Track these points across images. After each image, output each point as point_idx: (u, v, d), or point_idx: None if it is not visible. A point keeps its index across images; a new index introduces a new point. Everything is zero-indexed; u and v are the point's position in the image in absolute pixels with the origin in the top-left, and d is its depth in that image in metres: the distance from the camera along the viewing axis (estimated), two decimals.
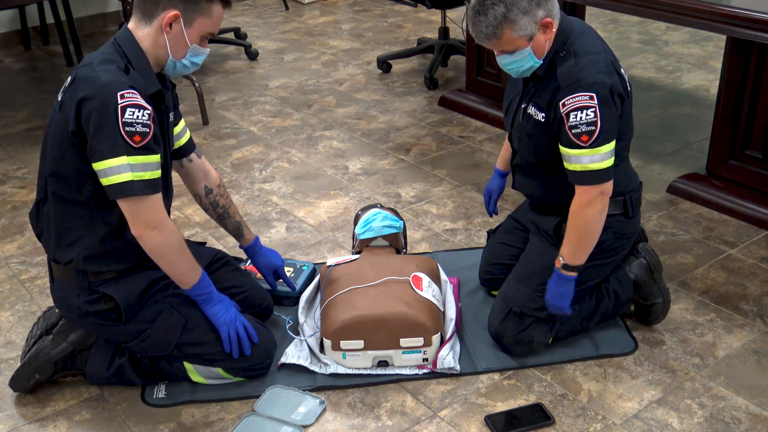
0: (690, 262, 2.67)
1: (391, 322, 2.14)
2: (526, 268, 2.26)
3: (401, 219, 2.64)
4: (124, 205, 1.91)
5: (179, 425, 2.06)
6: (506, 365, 2.21)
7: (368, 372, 2.19)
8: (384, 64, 4.51)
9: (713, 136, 3.04)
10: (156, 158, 1.91)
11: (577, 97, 1.99)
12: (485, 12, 1.96)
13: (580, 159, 2.01)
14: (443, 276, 2.46)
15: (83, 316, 2.05)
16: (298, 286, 2.50)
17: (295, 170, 3.41)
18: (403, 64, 4.62)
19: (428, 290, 2.25)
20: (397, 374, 2.18)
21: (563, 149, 2.05)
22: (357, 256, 2.44)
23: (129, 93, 1.85)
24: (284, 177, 3.35)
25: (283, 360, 2.21)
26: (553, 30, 2.03)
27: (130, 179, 1.86)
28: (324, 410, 2.08)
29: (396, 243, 2.56)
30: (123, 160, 1.85)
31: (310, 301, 2.43)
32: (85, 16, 5.32)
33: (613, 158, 2.03)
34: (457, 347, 2.26)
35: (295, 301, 2.46)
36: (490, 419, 2.03)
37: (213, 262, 2.30)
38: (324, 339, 2.19)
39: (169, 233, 1.96)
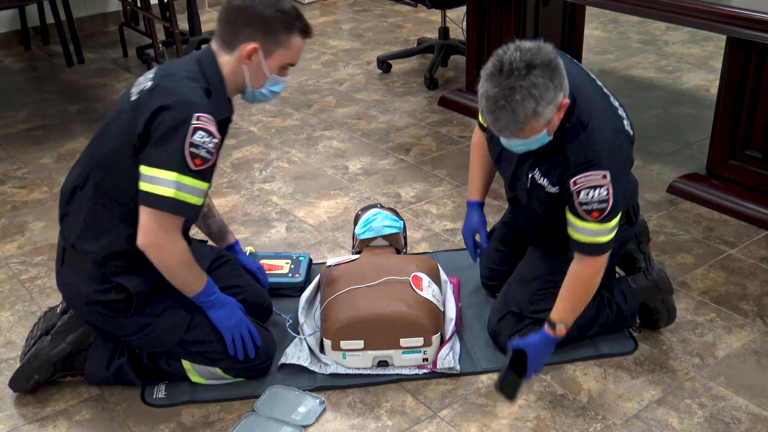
0: (690, 262, 2.67)
1: (391, 322, 2.14)
2: (527, 272, 2.25)
3: (401, 219, 2.64)
4: (146, 215, 1.90)
5: (179, 425, 2.06)
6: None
7: (368, 372, 2.19)
8: (384, 64, 4.51)
9: (713, 136, 3.04)
10: (205, 186, 1.92)
11: (589, 176, 1.92)
12: (513, 109, 1.79)
13: (585, 230, 1.96)
14: (443, 276, 2.46)
15: (90, 304, 2.04)
16: (301, 276, 2.53)
17: (295, 170, 3.41)
18: (403, 64, 4.62)
19: (428, 290, 2.25)
20: (397, 374, 2.18)
21: (569, 216, 2.00)
22: (357, 256, 2.44)
23: (205, 117, 1.87)
24: (284, 177, 3.35)
25: (282, 360, 2.21)
26: (566, 107, 1.90)
27: (172, 196, 1.86)
28: (324, 410, 2.08)
29: (396, 243, 2.56)
30: (173, 175, 1.85)
31: (310, 301, 2.43)
32: (85, 16, 5.32)
33: (615, 231, 1.99)
34: (457, 347, 2.26)
35: (299, 291, 2.48)
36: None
37: (215, 259, 2.30)
38: (324, 339, 2.19)
39: (175, 252, 1.95)
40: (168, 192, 1.86)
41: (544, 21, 3.64)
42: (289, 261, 2.59)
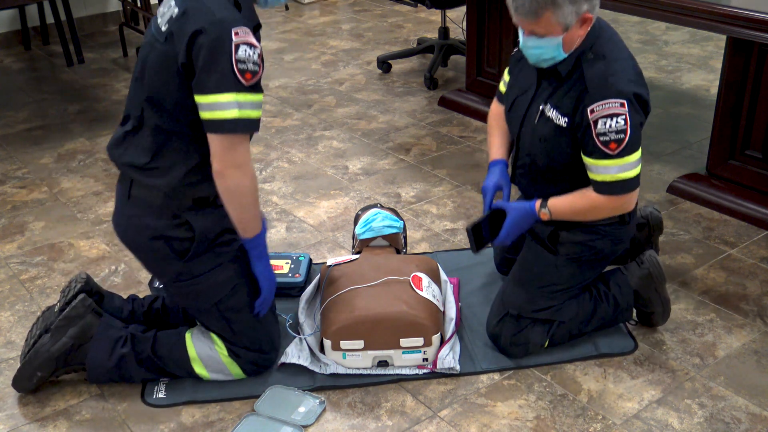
0: (690, 262, 2.67)
1: (391, 322, 2.14)
2: (523, 273, 2.25)
3: (401, 219, 2.64)
4: (217, 140, 1.89)
5: (179, 425, 2.06)
6: (506, 365, 2.21)
7: (368, 372, 2.19)
8: (384, 64, 4.51)
9: (713, 136, 3.04)
10: (260, 98, 1.91)
11: (607, 103, 1.93)
12: None
13: (608, 169, 1.97)
14: (443, 276, 2.46)
15: (155, 239, 2.03)
16: (301, 276, 2.53)
17: (295, 170, 3.41)
18: (403, 64, 4.62)
19: (428, 290, 2.25)
20: (397, 374, 2.18)
21: (588, 160, 2.01)
22: (357, 256, 2.44)
23: (243, 30, 1.85)
24: (284, 177, 3.35)
25: (283, 360, 2.21)
26: (588, 27, 1.97)
27: (237, 117, 1.86)
28: (324, 410, 2.08)
29: (396, 243, 2.56)
30: (231, 96, 1.85)
31: (310, 301, 2.43)
32: (85, 16, 5.32)
33: (640, 166, 2.00)
34: (457, 347, 2.26)
35: (299, 291, 2.48)
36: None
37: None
38: (324, 339, 2.19)
39: (250, 175, 1.96)
40: (232, 113, 1.86)
41: None
42: (289, 261, 2.59)
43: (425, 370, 2.19)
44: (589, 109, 1.95)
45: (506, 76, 2.34)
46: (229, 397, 2.13)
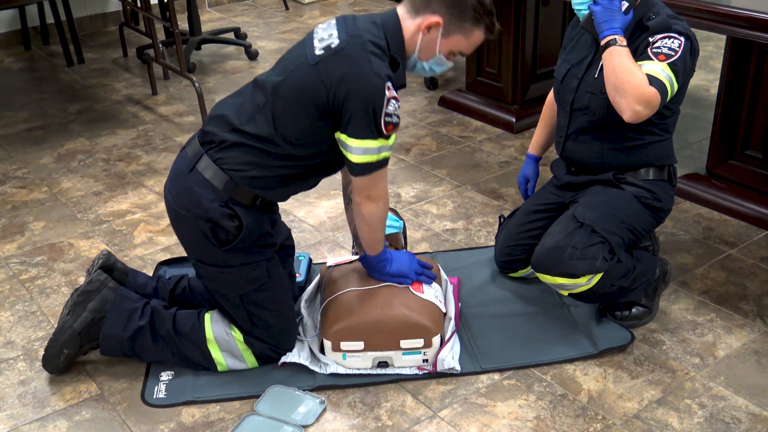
0: (690, 262, 2.67)
1: (391, 323, 2.14)
2: (593, 200, 2.27)
3: (401, 219, 2.64)
4: (360, 180, 2.03)
5: (179, 425, 2.06)
6: (506, 365, 2.21)
7: (368, 372, 2.19)
8: None
9: (713, 136, 3.04)
10: (394, 139, 2.04)
11: (669, 35, 2.10)
12: None
13: (647, 65, 2.06)
14: (443, 276, 2.46)
15: (203, 220, 2.04)
16: (301, 276, 2.54)
17: None
18: None
19: (429, 291, 2.25)
20: (397, 374, 2.18)
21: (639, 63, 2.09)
22: (357, 256, 2.44)
23: (391, 85, 1.96)
24: None
25: (283, 359, 2.21)
26: None
27: (378, 159, 2.00)
28: (324, 410, 2.08)
29: (396, 243, 2.56)
30: (377, 144, 1.97)
31: (310, 301, 2.43)
32: (85, 16, 5.32)
33: (671, 88, 2.06)
34: (457, 347, 2.25)
35: (300, 291, 2.49)
36: None
37: (287, 237, 2.39)
38: (324, 340, 2.19)
39: (383, 207, 2.11)
40: (374, 158, 2.00)
41: (544, 21, 3.64)
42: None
43: (425, 371, 2.19)
44: (650, 39, 2.12)
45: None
46: (229, 397, 2.13)
